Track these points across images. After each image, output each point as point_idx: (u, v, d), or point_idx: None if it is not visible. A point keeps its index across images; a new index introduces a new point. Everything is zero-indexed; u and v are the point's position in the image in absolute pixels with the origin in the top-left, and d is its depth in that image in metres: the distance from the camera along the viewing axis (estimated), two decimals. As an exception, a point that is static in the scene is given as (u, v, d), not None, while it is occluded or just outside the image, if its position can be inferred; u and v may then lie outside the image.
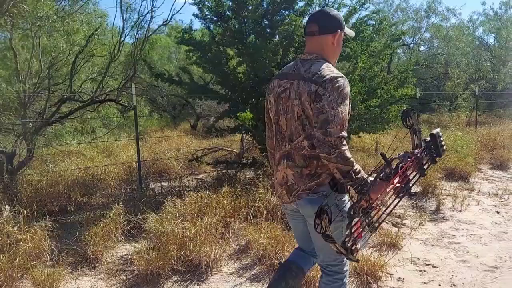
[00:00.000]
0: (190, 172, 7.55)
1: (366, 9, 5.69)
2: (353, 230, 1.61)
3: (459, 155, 6.61)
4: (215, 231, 3.35)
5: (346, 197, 1.86)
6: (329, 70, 1.74)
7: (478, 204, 5.06)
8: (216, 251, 3.20)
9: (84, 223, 4.01)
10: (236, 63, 5.57)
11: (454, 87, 14.38)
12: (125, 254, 3.47)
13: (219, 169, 5.92)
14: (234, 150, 7.69)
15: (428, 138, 1.82)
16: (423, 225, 4.25)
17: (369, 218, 1.69)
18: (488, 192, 5.56)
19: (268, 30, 5.65)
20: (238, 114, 4.39)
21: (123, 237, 3.68)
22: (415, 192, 1.87)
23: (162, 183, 6.13)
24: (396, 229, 4.05)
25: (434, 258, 3.49)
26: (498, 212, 4.77)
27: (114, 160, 7.56)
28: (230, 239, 3.51)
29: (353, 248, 1.61)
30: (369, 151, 7.83)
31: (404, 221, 4.35)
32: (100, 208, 4.45)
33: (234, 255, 3.39)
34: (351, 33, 1.97)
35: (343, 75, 1.73)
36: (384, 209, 1.73)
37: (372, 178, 1.71)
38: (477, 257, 3.52)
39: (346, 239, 1.59)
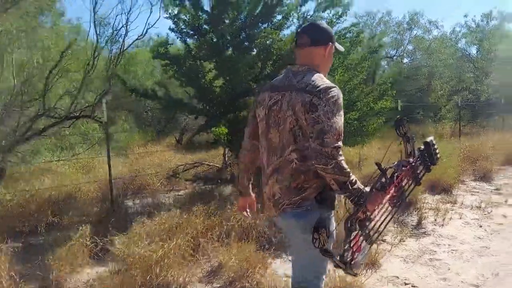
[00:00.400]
0: (171, 188, 7.37)
1: (343, 22, 5.66)
2: (352, 244, 1.59)
3: (441, 166, 6.55)
4: (185, 252, 3.19)
5: (332, 215, 1.81)
6: (322, 80, 1.74)
7: (460, 218, 4.97)
8: (186, 275, 3.04)
9: (51, 245, 3.81)
10: (213, 77, 5.48)
11: (438, 98, 14.50)
12: (90, 279, 3.28)
13: (198, 185, 5.77)
14: (217, 165, 7.55)
15: (422, 147, 1.83)
16: (403, 241, 4.13)
17: (367, 230, 1.67)
18: (471, 205, 5.49)
19: (246, 44, 5.58)
20: (213, 129, 4.28)
21: (90, 260, 3.50)
22: (410, 202, 1.95)
23: (141, 200, 5.97)
24: (375, 245, 3.92)
25: (414, 277, 3.37)
26: (480, 226, 4.69)
27: (93, 177, 7.36)
28: (201, 261, 3.35)
29: (352, 262, 1.59)
30: (352, 163, 7.74)
31: (384, 237, 4.23)
32: (70, 229, 4.27)
33: (205, 278, 3.23)
34: (340, 48, 1.97)
35: (336, 86, 1.72)
36: (381, 220, 1.72)
37: (368, 189, 1.68)
38: (458, 275, 3.41)
39: (345, 254, 1.57)
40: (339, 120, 1.65)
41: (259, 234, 3.61)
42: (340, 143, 1.62)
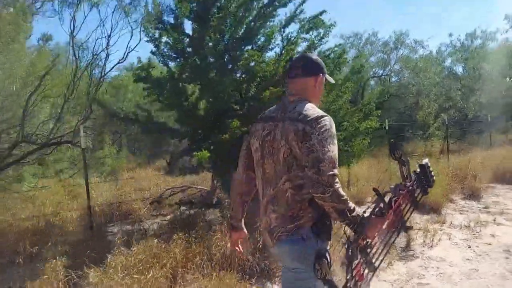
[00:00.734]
0: (158, 213, 7.23)
1: (325, 43, 5.67)
2: (354, 273, 1.58)
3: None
4: (162, 285, 3.05)
5: (328, 246, 1.77)
6: (314, 110, 1.76)
7: (449, 238, 4.89)
8: (163, 309, 2.90)
9: (27, 278, 3.65)
10: (196, 99, 5.42)
11: (426, 116, 14.58)
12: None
13: (183, 211, 5.64)
14: (206, 188, 7.42)
15: (418, 170, 1.83)
16: (392, 265, 4.03)
17: (368, 257, 1.65)
18: (460, 225, 5.42)
19: (229, 66, 5.56)
20: (194, 153, 4.19)
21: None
22: (411, 226, 1.89)
23: (125, 227, 5.82)
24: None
25: (401, 303, 3.26)
26: (469, 247, 4.60)
27: (78, 203, 7.19)
28: (181, 293, 3.21)
29: None
30: (341, 183, 7.66)
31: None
32: (47, 260, 4.10)
33: (184, 312, 3.09)
34: (331, 79, 2.01)
35: (328, 115, 1.75)
36: (382, 246, 1.71)
37: (367, 215, 1.67)
38: (446, 300, 3.31)
39: (348, 284, 1.57)
40: (333, 148, 1.66)
41: (242, 262, 3.48)
42: (336, 171, 1.62)
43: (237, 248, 2.10)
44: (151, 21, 5.15)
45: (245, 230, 2.09)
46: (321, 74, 1.91)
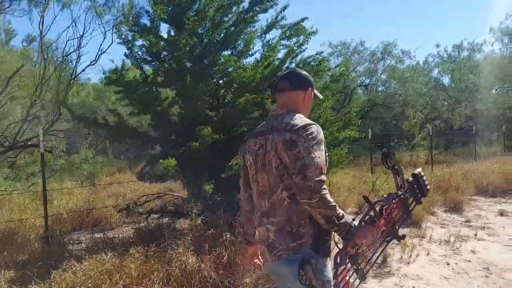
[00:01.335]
0: (131, 221, 6.95)
1: (304, 50, 5.52)
2: (339, 280, 1.60)
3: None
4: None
5: (328, 262, 1.76)
6: (301, 119, 1.78)
7: (428, 254, 4.71)
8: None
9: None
10: (169, 104, 5.20)
11: (411, 126, 14.53)
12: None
13: (152, 220, 5.38)
14: (183, 196, 7.16)
15: (411, 179, 1.82)
16: (365, 283, 3.82)
17: (357, 265, 1.65)
18: (440, 239, 5.25)
19: (207, 71, 5.35)
20: (161, 161, 3.96)
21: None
22: (403, 235, 1.82)
23: (95, 235, 5.55)
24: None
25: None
26: (448, 264, 4.43)
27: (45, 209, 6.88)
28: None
29: None
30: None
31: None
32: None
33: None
34: (319, 95, 2.05)
35: (315, 123, 1.76)
36: (371, 254, 1.72)
37: (357, 223, 1.68)
38: (420, 323, 3.11)
39: None
40: (320, 154, 1.67)
41: (203, 279, 3.25)
42: (323, 177, 1.63)
43: (256, 261, 2.11)
44: (125, 22, 4.90)
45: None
46: (310, 88, 1.94)
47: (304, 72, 1.99)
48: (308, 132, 1.69)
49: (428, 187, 1.84)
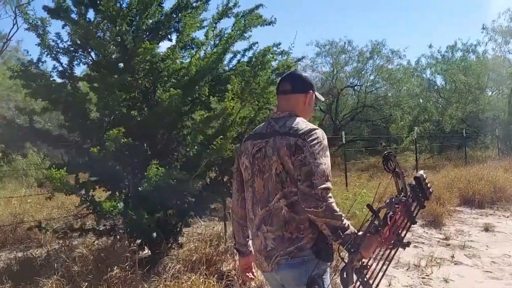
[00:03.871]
0: (71, 236, 6.13)
1: (248, 38, 4.74)
2: None
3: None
4: None
5: (328, 270, 1.70)
6: (305, 123, 1.74)
7: (389, 285, 3.87)
8: None
9: None
10: (86, 101, 4.38)
11: (399, 129, 13.72)
12: None
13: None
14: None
15: (413, 182, 1.69)
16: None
17: (364, 279, 1.55)
18: (408, 264, 4.41)
19: (130, 62, 4.54)
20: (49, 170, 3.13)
21: None
22: (408, 242, 1.67)
23: (18, 255, 4.82)
24: None
25: None
26: (411, 299, 3.59)
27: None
28: None
29: None
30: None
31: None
32: None
33: None
34: (320, 97, 1.97)
35: (319, 128, 1.72)
36: (379, 266, 1.60)
37: (361, 233, 1.58)
38: None
39: None
40: (326, 160, 1.64)
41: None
42: (329, 184, 1.59)
43: (249, 274, 1.98)
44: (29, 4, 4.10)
45: (253, 253, 1.91)
46: (311, 91, 1.88)
47: (305, 74, 1.97)
48: (313, 137, 1.65)
49: (431, 189, 1.71)
